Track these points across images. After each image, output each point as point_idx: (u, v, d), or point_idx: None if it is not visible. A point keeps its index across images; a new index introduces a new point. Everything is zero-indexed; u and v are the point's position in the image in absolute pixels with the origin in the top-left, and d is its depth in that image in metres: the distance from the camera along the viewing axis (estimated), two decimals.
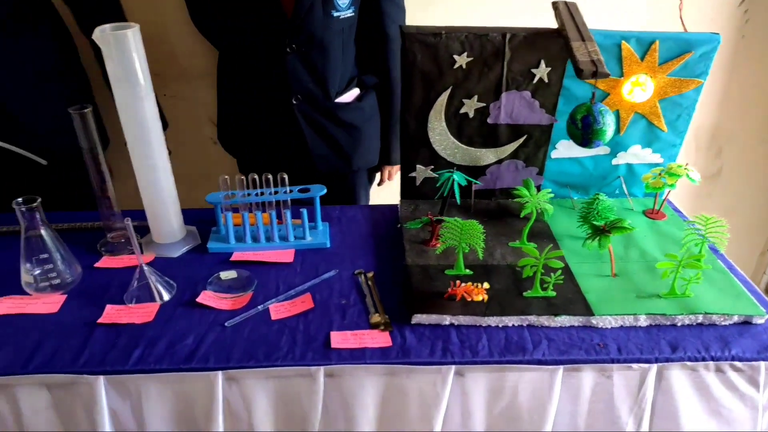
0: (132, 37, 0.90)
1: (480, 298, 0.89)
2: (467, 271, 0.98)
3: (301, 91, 1.32)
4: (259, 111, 1.37)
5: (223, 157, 1.56)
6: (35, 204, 0.91)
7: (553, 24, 1.01)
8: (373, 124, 1.45)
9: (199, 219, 1.16)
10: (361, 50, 1.39)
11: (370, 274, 1.01)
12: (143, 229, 1.10)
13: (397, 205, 1.24)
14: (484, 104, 1.06)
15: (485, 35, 0.97)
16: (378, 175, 1.60)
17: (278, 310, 0.93)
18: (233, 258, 1.06)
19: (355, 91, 1.41)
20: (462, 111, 1.07)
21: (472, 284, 0.90)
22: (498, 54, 1.00)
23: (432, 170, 1.15)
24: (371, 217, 1.21)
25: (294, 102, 1.32)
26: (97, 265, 1.04)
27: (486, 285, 0.90)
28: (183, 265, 1.04)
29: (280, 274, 1.02)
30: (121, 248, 1.08)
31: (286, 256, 1.06)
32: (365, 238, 1.14)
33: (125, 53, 0.90)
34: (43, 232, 0.93)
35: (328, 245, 1.10)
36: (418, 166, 1.14)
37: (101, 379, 0.82)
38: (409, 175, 1.16)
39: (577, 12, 0.98)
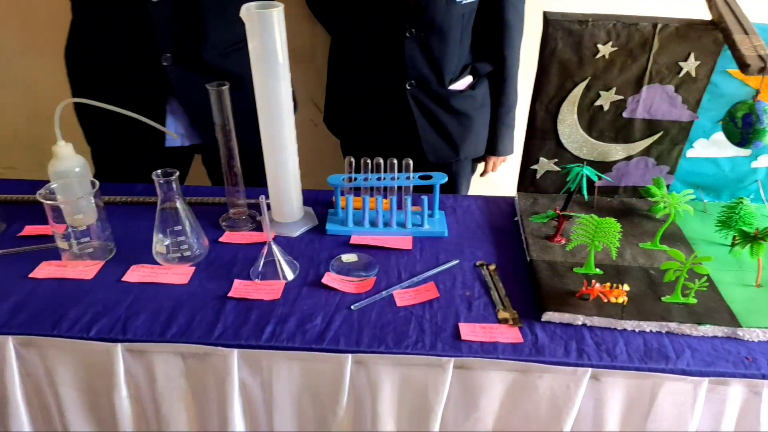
0: (276, 16, 0.90)
1: (621, 300, 0.85)
2: (597, 270, 0.94)
3: (416, 77, 1.30)
4: (370, 94, 1.36)
5: (324, 139, 1.56)
6: (174, 177, 0.93)
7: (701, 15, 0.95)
8: (484, 113, 1.42)
9: (310, 200, 1.17)
10: (476, 36, 1.36)
11: (492, 267, 0.99)
12: (255, 207, 1.12)
13: (510, 197, 1.21)
14: (621, 97, 1.02)
15: (635, 24, 0.93)
16: (480, 166, 1.58)
17: (403, 297, 0.92)
18: (352, 241, 1.06)
19: (468, 79, 1.39)
20: (597, 103, 1.02)
21: (610, 285, 0.87)
22: (645, 44, 0.95)
23: (555, 164, 1.11)
24: (485, 208, 1.19)
25: (408, 87, 1.31)
26: (221, 239, 1.06)
27: (626, 287, 0.86)
28: (302, 245, 1.05)
29: (401, 260, 1.02)
30: (241, 224, 1.10)
31: (404, 242, 1.06)
32: (481, 228, 1.12)
33: (268, 32, 0.91)
34: (178, 204, 0.96)
35: (446, 234, 1.08)
36: (541, 158, 1.11)
37: (235, 352, 0.83)
38: (531, 167, 1.12)
39: (735, 3, 0.92)
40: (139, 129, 1.06)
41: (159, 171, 0.94)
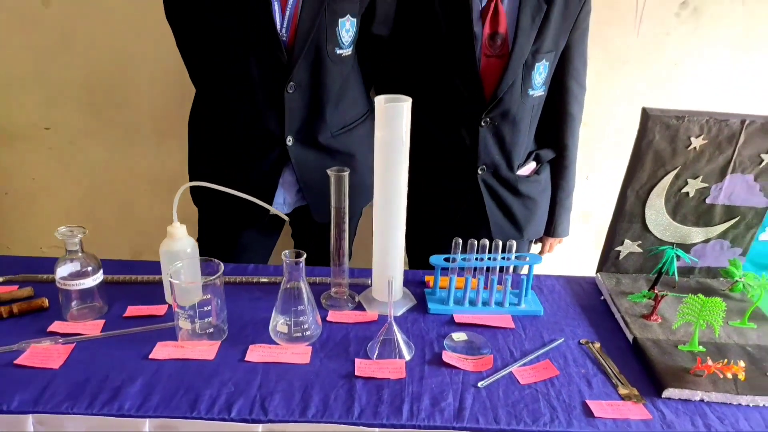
0: (405, 109, 0.99)
1: (740, 375, 0.91)
2: (701, 348, 1.01)
3: (487, 162, 1.40)
4: (443, 177, 1.45)
5: None
6: (302, 258, 0.99)
7: None
8: (546, 196, 1.53)
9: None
10: (540, 125, 1.48)
11: (597, 345, 1.05)
12: (354, 286, 1.18)
13: (588, 276, 1.29)
14: (707, 185, 1.12)
15: (725, 120, 1.05)
16: (535, 245, 1.66)
17: (523, 374, 0.97)
18: (457, 320, 1.11)
19: (532, 165, 1.50)
20: (684, 190, 1.13)
21: (727, 361, 0.93)
22: (732, 138, 1.06)
23: (638, 245, 1.20)
24: (568, 287, 1.26)
25: (479, 172, 1.41)
26: (328, 318, 1.11)
27: (742, 363, 0.93)
28: (408, 324, 1.10)
29: (507, 338, 1.07)
30: (343, 304, 1.15)
31: (506, 321, 1.11)
32: (572, 307, 1.18)
33: (397, 122, 0.99)
34: (302, 284, 1.00)
35: (542, 313, 1.15)
36: (626, 240, 1.19)
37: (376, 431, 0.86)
38: (615, 248, 1.21)
39: None
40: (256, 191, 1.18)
41: (287, 252, 0.99)
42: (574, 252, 1.73)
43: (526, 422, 0.88)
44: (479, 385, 0.95)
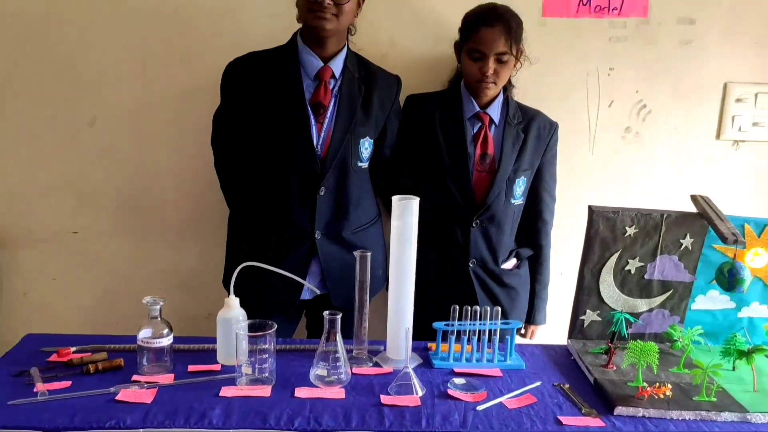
0: (414, 205, 1.61)
1: (668, 393, 1.49)
2: (644, 384, 1.58)
3: (477, 256, 2.02)
4: (434, 272, 2.04)
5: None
6: (338, 316, 1.55)
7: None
8: (526, 288, 2.14)
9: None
10: (520, 228, 2.13)
11: (566, 386, 1.62)
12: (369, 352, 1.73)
13: (562, 344, 1.86)
14: (643, 264, 1.75)
15: (649, 214, 1.70)
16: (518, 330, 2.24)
17: (511, 402, 1.52)
18: (456, 370, 1.67)
19: (513, 261, 2.12)
20: (626, 268, 1.75)
21: (658, 384, 1.51)
22: (657, 227, 1.71)
23: (598, 314, 1.80)
24: (544, 351, 1.83)
25: (470, 265, 2.02)
26: (353, 371, 1.64)
27: (669, 385, 1.51)
28: (417, 374, 1.64)
29: (496, 383, 1.62)
30: (363, 363, 1.69)
31: (496, 372, 1.67)
32: (548, 364, 1.75)
33: (409, 213, 1.61)
34: (338, 338, 1.56)
35: (524, 367, 1.71)
36: (587, 311, 1.79)
37: None
38: (580, 318, 1.80)
39: (711, 202, 1.72)
40: (283, 285, 1.73)
41: (327, 311, 1.55)
42: (552, 335, 2.29)
43: (513, 429, 1.42)
44: (478, 408, 1.49)
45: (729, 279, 1.62)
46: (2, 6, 2.16)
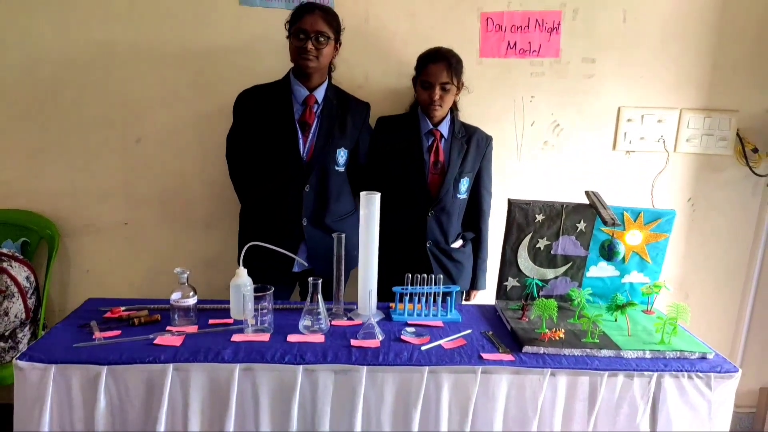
0: (377, 198, 1.74)
1: (560, 336, 1.62)
2: (546, 330, 1.71)
3: (432, 238, 2.15)
4: (401, 250, 2.16)
5: None
6: (319, 281, 1.67)
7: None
8: (470, 262, 2.26)
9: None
10: (465, 216, 2.25)
11: (490, 333, 1.74)
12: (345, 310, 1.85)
13: (492, 304, 1.99)
14: (549, 242, 1.87)
15: (552, 205, 1.82)
16: (464, 295, 2.36)
17: (448, 344, 1.64)
18: (409, 323, 1.79)
19: (460, 241, 2.24)
20: (537, 246, 1.88)
21: (555, 329, 1.64)
22: (559, 215, 1.83)
23: (517, 281, 1.92)
24: (477, 310, 1.96)
25: (427, 245, 2.15)
26: (332, 323, 1.76)
27: (563, 330, 1.63)
28: (380, 325, 1.76)
29: (438, 331, 1.75)
30: (339, 318, 1.81)
31: (438, 323, 1.80)
32: (480, 319, 1.87)
33: (372, 204, 1.73)
34: (319, 298, 1.68)
35: (460, 320, 1.83)
36: (509, 278, 1.92)
37: (364, 369, 1.51)
38: (504, 284, 1.93)
39: (599, 195, 1.84)
40: (279, 260, 1.85)
41: (311, 278, 1.68)
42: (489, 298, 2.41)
43: (447, 363, 1.54)
44: (422, 348, 1.61)
45: (608, 251, 1.75)
46: (68, 52, 2.28)
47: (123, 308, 1.79)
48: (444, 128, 2.17)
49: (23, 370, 1.45)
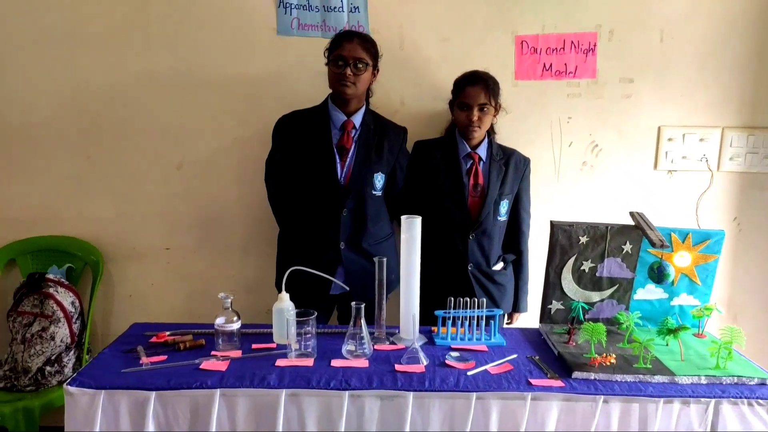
0: (418, 222, 1.72)
1: (612, 361, 1.56)
2: (595, 355, 1.65)
3: (473, 261, 2.11)
4: (441, 273, 2.13)
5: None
6: (362, 306, 1.65)
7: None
8: (511, 284, 2.22)
9: None
10: (505, 238, 2.21)
11: (537, 357, 1.70)
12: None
13: (535, 327, 1.94)
14: (594, 264, 1.83)
15: (597, 226, 1.78)
16: (506, 317, 2.31)
17: (494, 369, 1.60)
18: (453, 347, 1.75)
19: (501, 264, 2.20)
20: (582, 268, 1.83)
21: (605, 355, 1.58)
22: (603, 236, 1.79)
23: (561, 304, 1.88)
24: (521, 333, 1.91)
25: (469, 268, 2.11)
26: (375, 347, 1.74)
27: (614, 355, 1.58)
28: (424, 349, 1.73)
29: (483, 356, 1.71)
30: (382, 341, 1.79)
31: (482, 348, 1.76)
32: (524, 342, 1.83)
33: (413, 228, 1.71)
34: (362, 323, 1.66)
35: (505, 344, 1.79)
36: (553, 301, 1.87)
37: (411, 395, 1.48)
38: (547, 306, 1.88)
39: (645, 217, 1.80)
40: (317, 283, 1.85)
41: (354, 302, 1.66)
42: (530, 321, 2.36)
43: (495, 389, 1.50)
44: (468, 373, 1.57)
45: (658, 274, 1.70)
46: (111, 81, 2.34)
47: (168, 333, 1.80)
48: (482, 151, 2.15)
49: (73, 396, 1.46)
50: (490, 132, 2.20)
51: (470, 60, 2.27)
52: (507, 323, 2.31)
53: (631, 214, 1.84)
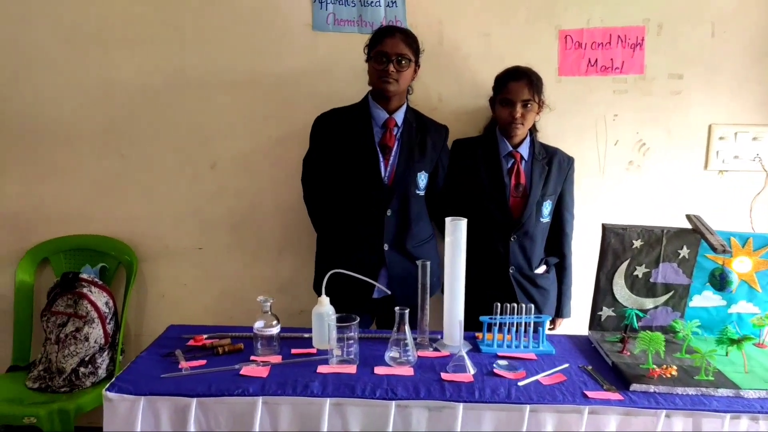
0: (463, 224, 1.64)
1: (672, 373, 1.47)
2: (653, 366, 1.56)
3: (515, 264, 2.03)
4: (482, 276, 2.05)
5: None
6: (407, 311, 1.58)
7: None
8: (554, 288, 2.13)
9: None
10: (547, 241, 2.13)
11: (589, 367, 1.61)
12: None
13: (584, 334, 1.85)
14: (648, 270, 1.73)
15: (652, 230, 1.69)
16: (548, 323, 2.22)
17: (545, 380, 1.52)
18: (500, 354, 1.68)
19: (544, 267, 2.12)
20: (635, 273, 1.74)
21: (666, 366, 1.49)
22: (659, 240, 1.70)
23: (613, 311, 1.79)
24: (569, 340, 1.82)
25: (510, 271, 2.03)
26: (418, 354, 1.67)
27: (675, 367, 1.49)
28: (469, 357, 1.66)
29: (532, 365, 1.63)
30: (425, 347, 1.72)
31: (531, 356, 1.68)
32: (573, 350, 1.74)
33: (458, 231, 1.64)
34: (407, 329, 1.59)
35: (554, 353, 1.71)
36: (604, 307, 1.79)
37: (460, 406, 1.41)
38: (597, 313, 1.79)
39: (702, 219, 1.70)
40: (358, 287, 1.78)
41: (398, 308, 1.59)
42: (575, 327, 2.27)
43: (550, 402, 1.42)
44: (519, 384, 1.50)
45: (720, 281, 1.60)
46: (143, 80, 2.29)
47: (205, 336, 1.75)
48: (524, 150, 2.07)
49: (112, 402, 1.41)
50: (532, 130, 2.12)
51: (512, 56, 2.18)
52: (549, 329, 2.23)
53: (688, 217, 1.74)
